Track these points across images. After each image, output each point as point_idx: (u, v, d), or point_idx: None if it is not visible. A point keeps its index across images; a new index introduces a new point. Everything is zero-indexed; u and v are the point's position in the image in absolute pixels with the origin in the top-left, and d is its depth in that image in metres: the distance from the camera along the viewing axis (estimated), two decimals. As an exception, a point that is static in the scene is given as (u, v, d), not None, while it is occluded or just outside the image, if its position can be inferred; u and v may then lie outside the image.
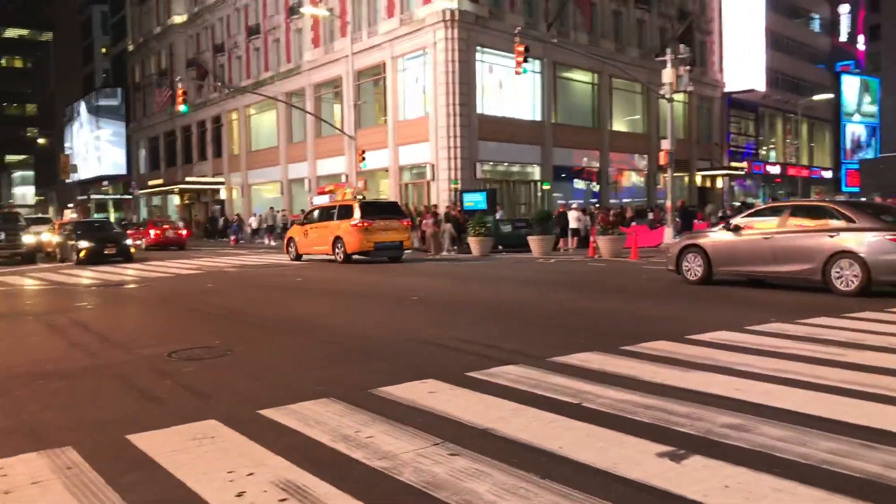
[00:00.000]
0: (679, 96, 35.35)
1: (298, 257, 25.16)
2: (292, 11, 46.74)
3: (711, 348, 7.58)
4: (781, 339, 8.11)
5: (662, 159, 27.93)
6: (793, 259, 12.90)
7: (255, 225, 44.41)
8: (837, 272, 12.30)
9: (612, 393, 5.81)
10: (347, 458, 4.44)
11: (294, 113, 45.99)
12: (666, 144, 27.73)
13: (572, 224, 27.91)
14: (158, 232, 37.02)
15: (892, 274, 11.88)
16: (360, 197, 26.75)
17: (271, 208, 44.85)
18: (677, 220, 27.17)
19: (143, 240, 36.35)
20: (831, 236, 12.49)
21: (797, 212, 13.70)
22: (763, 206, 16.93)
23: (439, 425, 5.04)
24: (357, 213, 22.40)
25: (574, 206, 32.27)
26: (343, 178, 40.27)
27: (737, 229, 14.05)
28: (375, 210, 23.42)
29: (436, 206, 30.43)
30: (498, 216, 29.98)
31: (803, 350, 7.43)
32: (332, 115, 43.17)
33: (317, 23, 44.38)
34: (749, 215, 14.81)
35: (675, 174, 29.46)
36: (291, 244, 25.51)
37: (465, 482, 3.99)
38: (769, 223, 13.71)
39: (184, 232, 39.26)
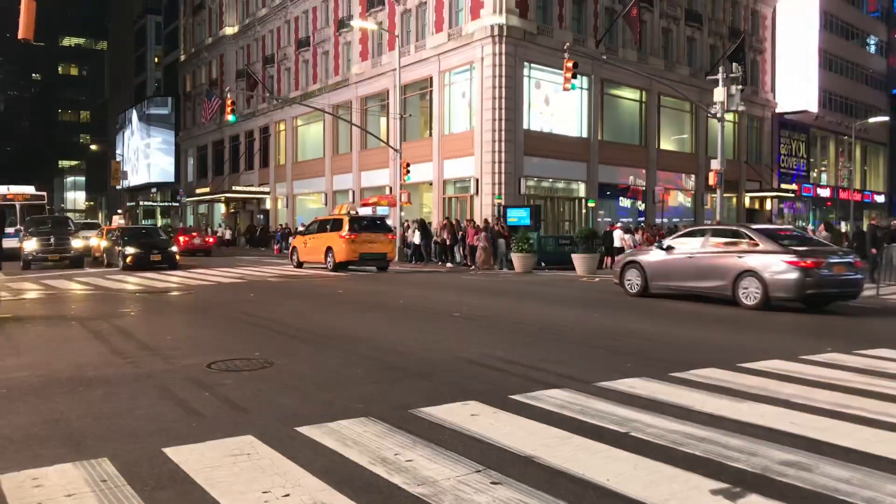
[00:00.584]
0: (729, 116, 34.76)
1: (300, 265, 26.79)
2: (342, 25, 47.15)
3: (765, 377, 7.30)
4: (839, 370, 7.79)
5: (712, 179, 27.42)
6: (711, 276, 14.77)
7: None
8: (744, 289, 14.07)
9: (661, 422, 5.59)
10: (386, 482, 4.30)
11: (340, 125, 46.30)
12: (716, 164, 27.23)
13: (616, 243, 27.52)
14: (187, 238, 40.23)
15: (785, 291, 13.62)
16: (354, 212, 28.14)
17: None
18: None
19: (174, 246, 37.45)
20: (739, 257, 14.33)
21: (716, 234, 15.69)
22: (690, 229, 18.44)
23: (481, 451, 4.88)
24: (346, 227, 24.55)
25: (618, 224, 31.84)
26: (387, 191, 40.35)
27: (668, 249, 15.99)
28: (363, 225, 25.47)
29: (487, 220, 30.27)
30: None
31: (863, 383, 7.11)
32: (378, 128, 43.34)
33: (365, 36, 44.70)
34: (678, 236, 16.66)
35: (723, 195, 28.90)
36: (294, 253, 27.50)
37: (509, 514, 3.82)
38: (694, 244, 15.60)
39: (210, 239, 43.73)
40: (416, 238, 31.74)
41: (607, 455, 4.79)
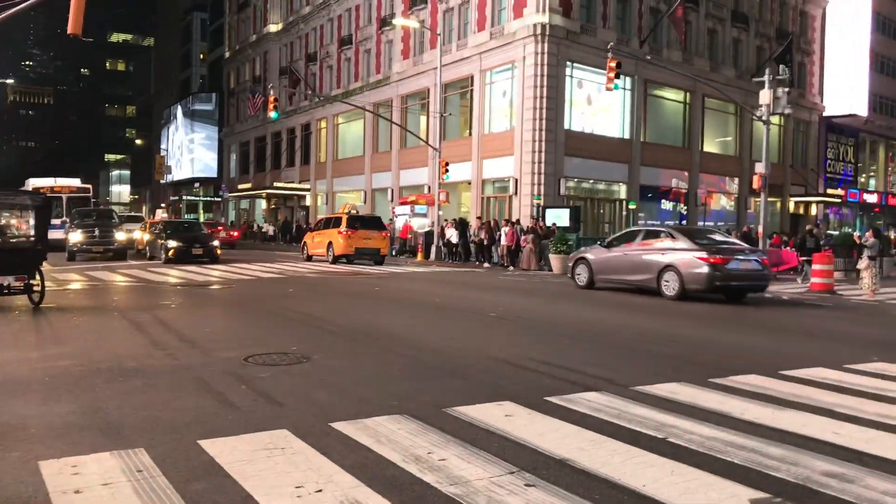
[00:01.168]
0: (775, 118, 34.15)
1: (309, 258, 29.72)
2: (384, 23, 47.34)
3: (807, 386, 7.12)
4: (885, 380, 7.58)
5: (756, 183, 26.92)
6: (641, 271, 16.92)
7: None
8: (666, 282, 16.18)
9: (699, 428, 5.48)
10: (419, 480, 4.27)
11: (380, 123, 46.49)
12: (760, 168, 26.74)
13: None
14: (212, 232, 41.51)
15: (698, 283, 15.65)
16: (354, 211, 31.64)
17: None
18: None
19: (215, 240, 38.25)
20: (663, 254, 16.44)
21: (646, 235, 17.92)
22: (627, 230, 21.27)
23: (515, 452, 4.83)
24: (343, 224, 27.27)
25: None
26: (426, 189, 40.43)
27: (610, 246, 18.35)
28: (359, 223, 28.12)
29: (516, 221, 30.23)
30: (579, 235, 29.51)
31: (910, 394, 6.90)
32: (418, 127, 43.44)
33: (407, 34, 44.80)
34: (617, 237, 19.13)
35: (768, 199, 28.41)
36: (305, 247, 30.56)
37: (542, 517, 3.77)
38: (629, 242, 17.81)
39: (235, 233, 47.74)
40: (453, 237, 31.74)
41: (643, 460, 4.71)
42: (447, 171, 34.21)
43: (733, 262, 15.74)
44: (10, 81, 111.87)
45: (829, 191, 52.83)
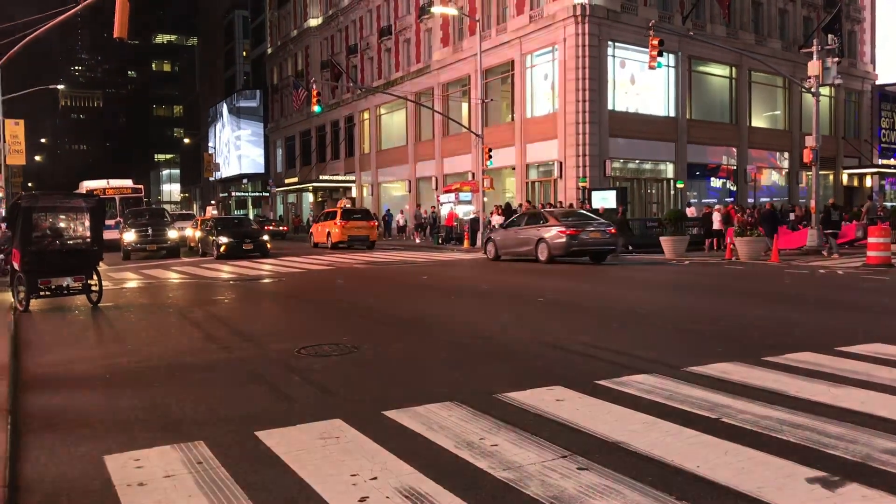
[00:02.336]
0: (825, 90, 33.31)
1: (315, 245, 35.10)
2: (423, 11, 47.28)
3: (866, 362, 6.97)
4: (946, 354, 7.37)
5: (806, 157, 26.32)
6: (526, 244, 22.02)
7: (402, 222, 45.36)
8: (540, 250, 21.26)
9: (753, 408, 5.42)
10: (472, 466, 4.31)
11: (422, 112, 46.55)
12: (811, 141, 26.13)
13: (716, 225, 26.66)
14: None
15: (559, 250, 20.82)
16: (349, 206, 39.25)
17: (418, 205, 45.81)
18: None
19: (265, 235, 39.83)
20: (538, 230, 21.57)
21: (530, 217, 23.37)
22: (519, 214, 26.83)
23: (567, 436, 4.84)
24: (338, 217, 33.16)
25: (717, 206, 30.79)
26: (469, 176, 40.37)
27: (508, 226, 24.07)
28: (352, 215, 34.16)
29: (581, 203, 30.03)
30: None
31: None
32: (460, 114, 43.36)
33: (446, 22, 44.69)
34: (510, 222, 24.59)
35: (820, 172, 27.76)
36: (311, 236, 36.91)
37: (595, 500, 3.78)
38: (520, 224, 23.19)
39: (283, 228, 52.89)
40: (498, 224, 31.65)
41: (696, 441, 4.68)
42: (490, 157, 34.13)
43: (584, 233, 20.81)
44: (61, 87, 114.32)
45: (884, 161, 51.33)
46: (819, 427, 4.91)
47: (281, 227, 51.23)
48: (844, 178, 49.68)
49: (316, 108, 36.47)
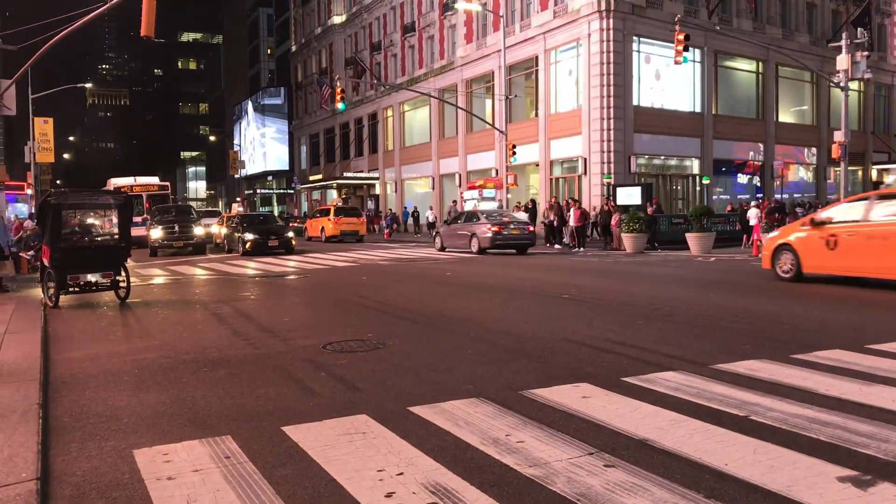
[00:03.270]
0: (854, 84, 32.90)
1: (309, 238, 38.66)
2: (446, 8, 47.25)
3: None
4: (980, 352, 7.25)
5: (835, 152, 26.02)
6: (463, 238, 25.81)
7: (431, 219, 45.44)
8: (473, 244, 25.07)
9: (782, 406, 5.36)
10: (498, 462, 4.31)
11: (446, 109, 46.55)
12: (839, 136, 25.82)
13: (752, 221, 26.37)
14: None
15: (487, 244, 24.52)
16: (340, 204, 43.17)
17: (454, 202, 45.88)
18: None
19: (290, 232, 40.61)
20: (472, 227, 25.44)
21: (466, 217, 27.20)
22: (456, 215, 30.25)
23: (593, 433, 4.82)
24: (332, 214, 37.03)
25: (753, 203, 30.43)
26: (493, 173, 40.31)
27: (450, 224, 28.28)
28: (344, 212, 37.70)
29: (606, 199, 29.88)
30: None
31: None
32: (483, 110, 43.31)
33: (470, 18, 44.64)
34: (453, 219, 28.96)
35: (848, 168, 27.41)
36: (304, 230, 40.26)
37: (622, 497, 3.76)
38: (460, 221, 27.17)
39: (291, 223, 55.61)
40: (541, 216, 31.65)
41: (725, 439, 4.64)
42: (514, 153, 34.07)
43: (505, 230, 24.67)
44: (88, 85, 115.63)
45: (915, 156, 50.55)
46: (849, 425, 4.85)
47: (304, 225, 51.48)
48: (874, 174, 48.97)
49: (340, 106, 36.58)
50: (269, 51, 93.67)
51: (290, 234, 28.69)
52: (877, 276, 13.12)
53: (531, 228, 25.73)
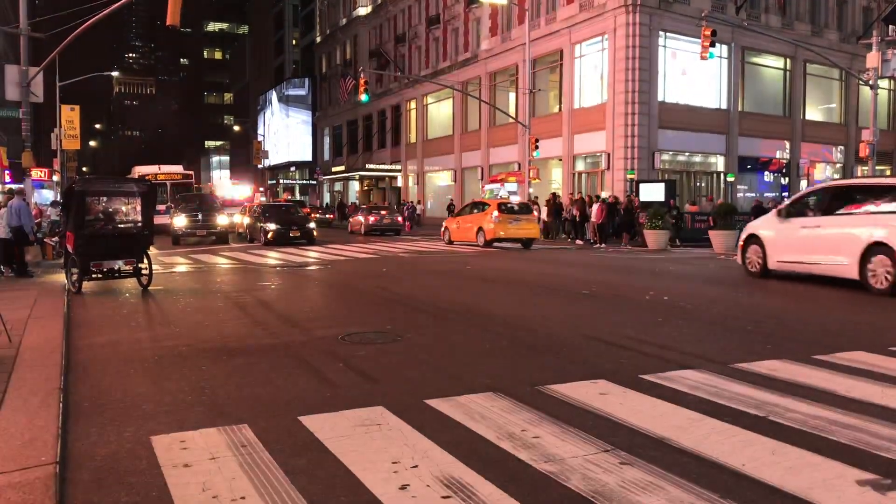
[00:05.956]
0: (883, 82, 32.45)
1: (351, 232, 39.75)
2: (471, 0, 47.10)
3: (920, 363, 6.78)
4: None
5: (862, 151, 25.71)
6: (356, 224, 37.46)
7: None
8: (360, 228, 36.59)
9: (802, 407, 5.30)
10: (513, 458, 4.30)
11: (469, 102, 46.43)
12: (867, 135, 25.49)
13: None
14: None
15: (366, 228, 35.61)
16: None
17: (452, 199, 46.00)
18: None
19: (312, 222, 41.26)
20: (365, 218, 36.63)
21: (370, 210, 37.82)
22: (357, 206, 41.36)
23: (610, 430, 4.79)
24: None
25: (771, 202, 30.12)
26: (515, 167, 40.20)
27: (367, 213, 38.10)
28: (378, 209, 40.51)
29: (629, 195, 29.68)
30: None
31: None
32: (507, 104, 43.16)
33: (495, 11, 44.45)
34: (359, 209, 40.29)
35: (876, 167, 27.04)
36: (349, 223, 41.34)
37: (637, 495, 3.74)
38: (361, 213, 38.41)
39: (330, 216, 54.21)
40: (543, 214, 31.51)
41: (743, 439, 4.60)
42: (537, 147, 33.93)
43: (382, 220, 34.85)
44: (115, 74, 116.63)
45: (945, 156, 49.75)
46: (870, 428, 4.79)
47: (327, 216, 52.28)
48: (902, 174, 48.28)
49: (363, 97, 36.61)
50: (293, 41, 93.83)
51: (312, 224, 28.80)
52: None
53: (399, 219, 37.62)
